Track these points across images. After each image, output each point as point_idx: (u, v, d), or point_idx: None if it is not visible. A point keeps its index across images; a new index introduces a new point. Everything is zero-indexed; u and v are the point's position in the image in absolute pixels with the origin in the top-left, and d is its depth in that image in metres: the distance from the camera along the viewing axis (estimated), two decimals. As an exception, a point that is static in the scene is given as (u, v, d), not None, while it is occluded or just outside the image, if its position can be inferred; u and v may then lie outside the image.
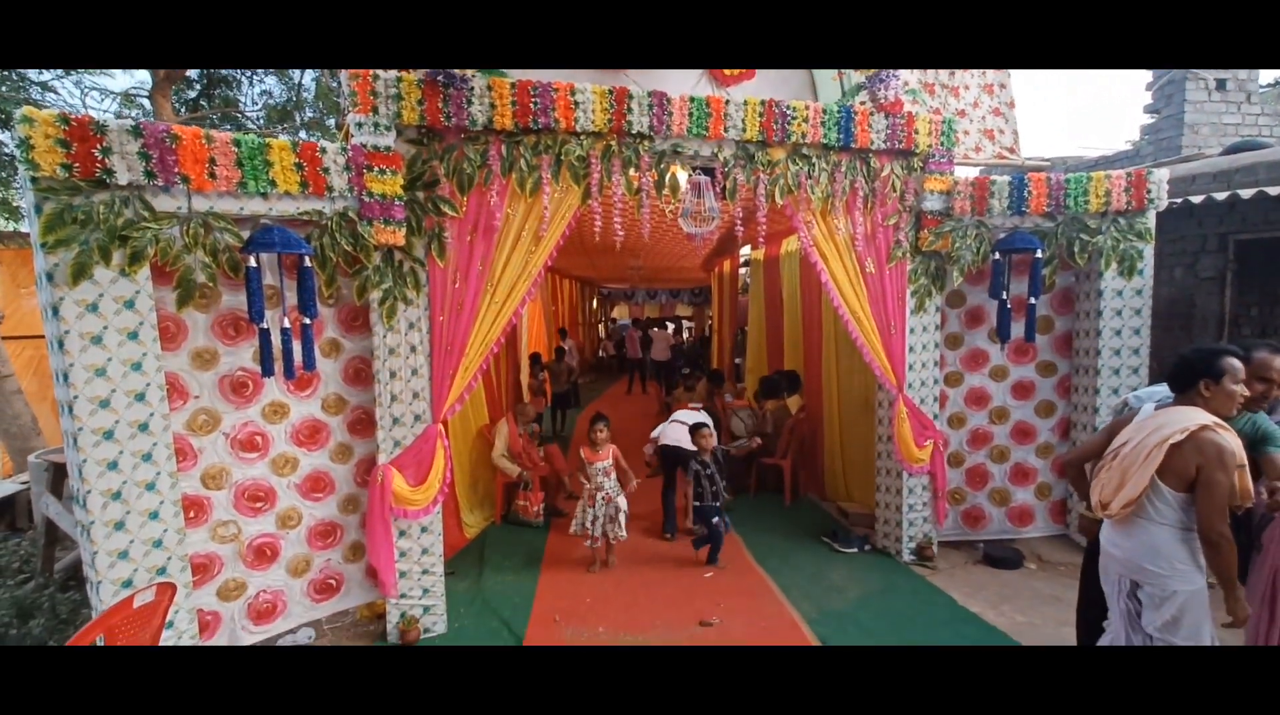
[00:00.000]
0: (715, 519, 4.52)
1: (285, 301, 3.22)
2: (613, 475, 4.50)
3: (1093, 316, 4.51)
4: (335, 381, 3.59)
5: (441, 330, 3.51)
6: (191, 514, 3.15)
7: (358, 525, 3.70)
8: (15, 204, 6.55)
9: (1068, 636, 3.23)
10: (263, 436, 3.38)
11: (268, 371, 3.05)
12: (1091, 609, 2.95)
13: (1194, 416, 2.16)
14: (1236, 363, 2.23)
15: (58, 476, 4.17)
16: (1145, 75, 7.80)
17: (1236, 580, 2.13)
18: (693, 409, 5.62)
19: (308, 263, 3.10)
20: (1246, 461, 2.12)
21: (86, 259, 2.61)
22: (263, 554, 3.43)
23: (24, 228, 7.53)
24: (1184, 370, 2.28)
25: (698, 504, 4.61)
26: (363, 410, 3.64)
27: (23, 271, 7.11)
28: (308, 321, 3.15)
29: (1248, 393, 2.28)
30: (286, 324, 3.12)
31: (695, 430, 4.83)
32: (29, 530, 5.03)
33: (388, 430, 3.47)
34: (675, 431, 5.30)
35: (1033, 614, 3.75)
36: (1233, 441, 2.11)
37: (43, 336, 2.91)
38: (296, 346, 3.15)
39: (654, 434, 5.52)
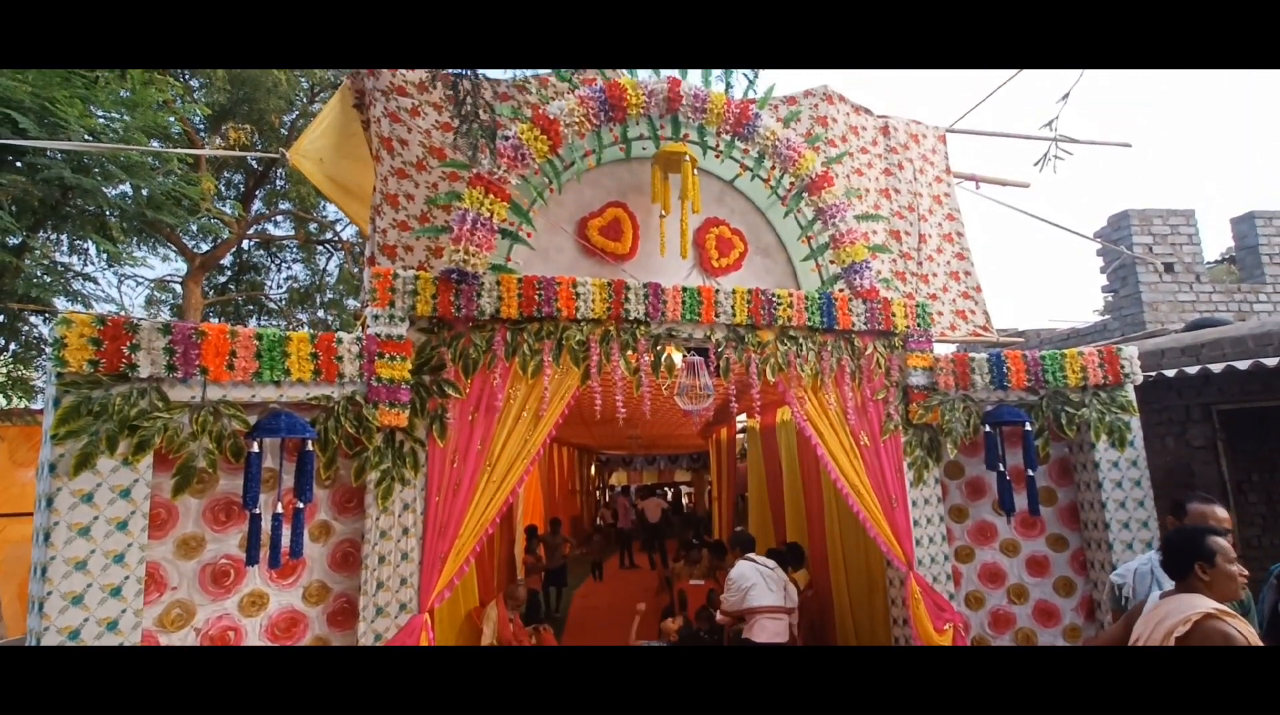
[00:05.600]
0: None
1: (281, 485, 3.21)
2: None
3: (1093, 487, 4.48)
4: (321, 567, 3.45)
5: (436, 510, 3.46)
6: (143, 726, 2.85)
7: (326, 736, 3.32)
8: (32, 383, 6.79)
9: None
10: (236, 631, 3.16)
11: (252, 560, 2.96)
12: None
13: (1195, 604, 2.07)
14: (1223, 541, 2.19)
15: (4, 677, 3.83)
16: (1098, 259, 8.50)
17: None
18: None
19: (309, 446, 3.15)
20: None
21: (92, 449, 2.66)
22: (214, 774, 3.04)
23: (34, 405, 7.69)
24: (1175, 556, 2.24)
25: None
26: (346, 598, 3.45)
27: (22, 448, 7.12)
28: (301, 506, 3.11)
29: (1246, 573, 2.21)
30: (279, 509, 3.09)
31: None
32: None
33: (369, 622, 3.27)
34: (772, 627, 4.35)
35: None
36: (1243, 630, 1.99)
37: (31, 514, 2.87)
38: (286, 531, 3.08)
39: (726, 611, 4.56)
